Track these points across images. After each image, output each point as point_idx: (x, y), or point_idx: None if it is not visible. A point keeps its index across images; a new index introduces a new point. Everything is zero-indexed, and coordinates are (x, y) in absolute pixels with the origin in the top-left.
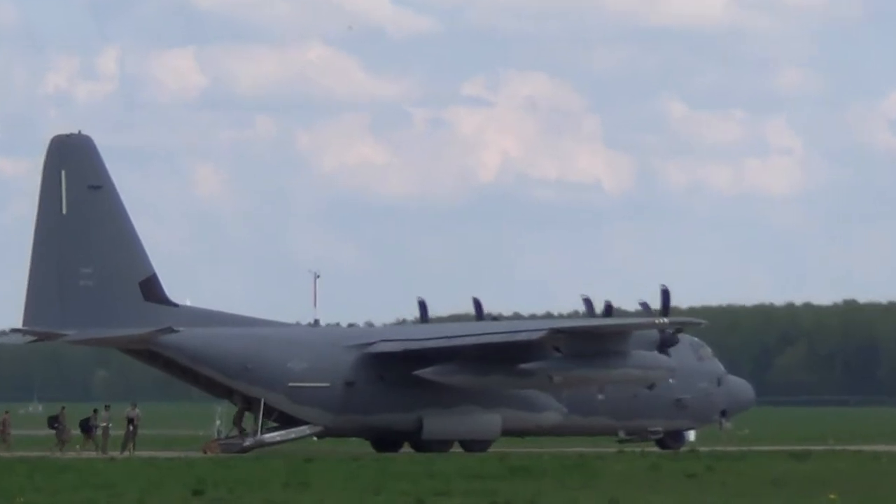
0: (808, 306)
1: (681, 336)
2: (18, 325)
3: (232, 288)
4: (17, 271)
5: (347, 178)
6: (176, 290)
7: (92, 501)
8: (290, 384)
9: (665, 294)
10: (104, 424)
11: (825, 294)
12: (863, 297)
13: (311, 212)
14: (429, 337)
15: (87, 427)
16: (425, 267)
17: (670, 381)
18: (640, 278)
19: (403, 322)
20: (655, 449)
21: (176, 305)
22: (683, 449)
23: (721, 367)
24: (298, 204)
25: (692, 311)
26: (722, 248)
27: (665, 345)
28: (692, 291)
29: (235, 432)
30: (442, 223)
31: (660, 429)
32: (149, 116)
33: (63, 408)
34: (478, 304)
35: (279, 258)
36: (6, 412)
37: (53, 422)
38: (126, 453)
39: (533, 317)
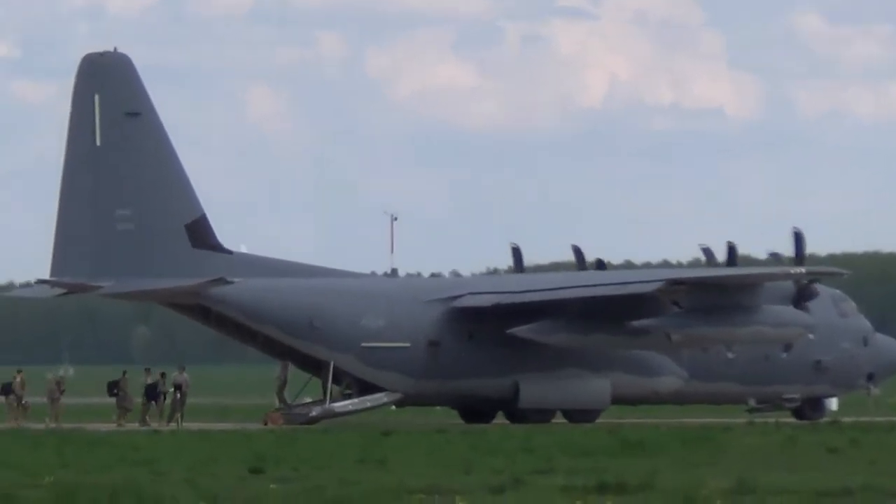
0: None
1: (819, 288)
2: (45, 275)
3: (294, 232)
4: (44, 214)
5: (427, 106)
6: (229, 234)
7: (131, 481)
8: (364, 344)
9: (799, 238)
10: (175, 388)
11: None
12: None
13: (386, 144)
14: (524, 289)
15: (154, 393)
16: (520, 207)
17: (808, 339)
18: (770, 220)
19: (495, 272)
20: (791, 420)
21: (229, 252)
22: (823, 420)
23: (867, 324)
24: (370, 135)
25: (832, 260)
26: (865, 185)
27: (801, 298)
28: (832, 236)
29: (306, 401)
30: (539, 157)
31: (796, 396)
32: (194, 32)
33: (125, 372)
34: (579, 251)
35: (349, 197)
36: (18, 372)
37: (113, 388)
38: (172, 424)
39: (647, 266)
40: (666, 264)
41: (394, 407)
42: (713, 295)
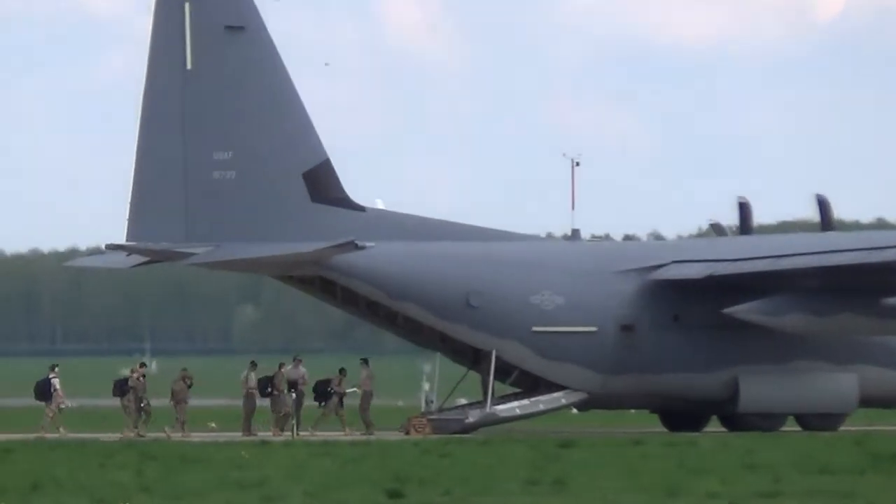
0: None
1: None
2: (120, 239)
3: (444, 182)
4: (118, 159)
5: (612, 17)
6: (360, 185)
7: None
8: (536, 329)
9: None
10: (354, 390)
11: None
12: None
13: (563, 66)
14: (746, 256)
15: (324, 392)
16: (742, 147)
17: None
18: None
19: (707, 233)
20: None
21: (361, 208)
22: None
23: None
24: (543, 55)
25: None
26: None
27: None
28: None
29: (460, 403)
30: (765, 82)
31: None
32: None
33: (282, 365)
34: (825, 204)
35: (515, 136)
36: (141, 365)
37: (266, 385)
38: (287, 433)
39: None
40: None
41: (575, 410)
42: None
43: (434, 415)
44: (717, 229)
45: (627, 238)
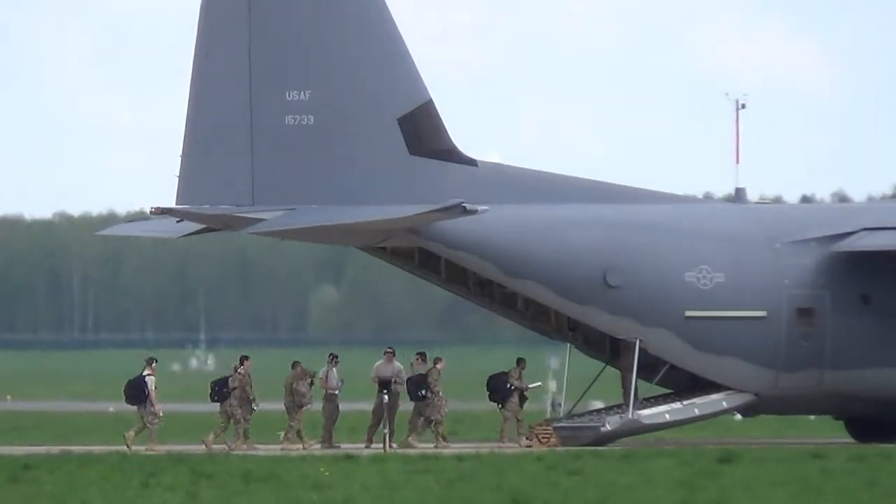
0: None
1: None
2: (169, 202)
3: (574, 130)
4: (168, 102)
5: None
6: (471, 134)
7: None
8: (690, 313)
9: None
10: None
11: None
12: None
13: None
14: None
15: (502, 390)
16: None
17: None
18: None
19: None
20: None
21: (472, 163)
22: None
23: None
24: None
25: None
26: None
27: None
28: None
29: (595, 407)
30: None
31: None
32: None
33: (437, 360)
34: None
35: (662, 73)
36: (244, 358)
37: (420, 388)
38: (379, 446)
39: None
40: None
41: (739, 416)
42: None
43: (562, 422)
44: (740, 195)
45: (805, 200)
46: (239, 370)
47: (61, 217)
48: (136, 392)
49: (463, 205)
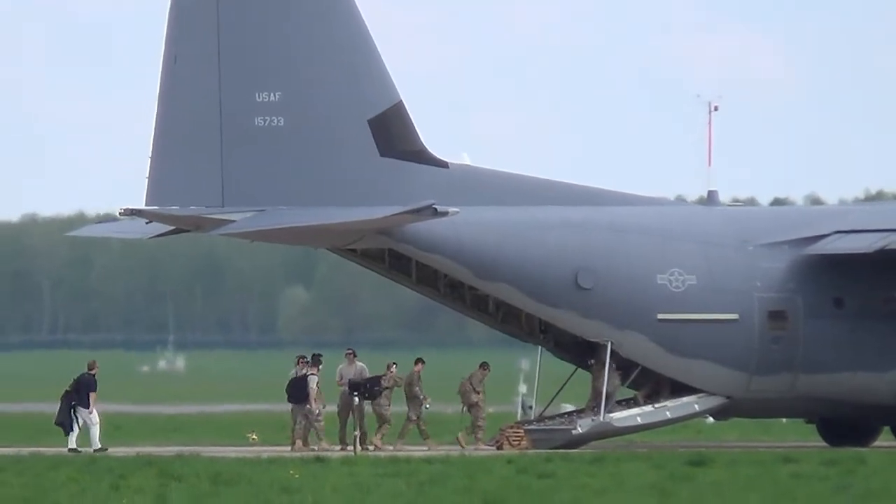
0: None
1: None
2: (138, 203)
3: (545, 131)
4: (135, 100)
5: None
6: (441, 135)
7: None
8: (662, 316)
9: None
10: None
11: None
12: None
13: None
14: None
15: (300, 391)
16: None
17: None
18: None
19: (878, 196)
20: None
21: (442, 164)
22: None
23: None
24: None
25: None
26: None
27: None
28: None
29: (566, 409)
30: None
31: None
32: None
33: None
34: None
35: (634, 74)
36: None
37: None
38: (355, 449)
39: None
40: None
41: (710, 419)
42: None
43: (533, 424)
44: (712, 198)
45: (777, 202)
46: (391, 370)
47: (29, 219)
48: (298, 392)
49: (434, 206)
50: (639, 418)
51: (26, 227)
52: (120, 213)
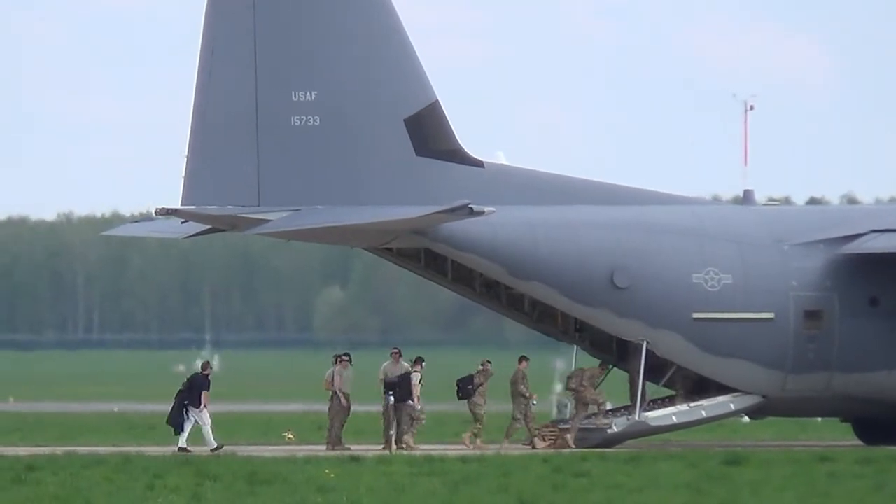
0: None
1: None
2: (174, 203)
3: (581, 130)
4: (173, 101)
5: None
6: (477, 134)
7: None
8: (698, 315)
9: None
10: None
11: None
12: None
13: None
14: None
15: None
16: None
17: None
18: None
19: None
20: None
21: (479, 164)
22: None
23: None
24: None
25: None
26: None
27: None
28: None
29: (594, 410)
30: None
31: None
32: None
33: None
34: None
35: (670, 73)
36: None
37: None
38: (390, 447)
39: None
40: None
41: (746, 419)
42: None
43: (569, 423)
44: (748, 197)
45: (813, 202)
46: (486, 367)
47: (65, 218)
48: (401, 389)
49: (469, 206)
50: (674, 417)
51: (62, 226)
52: (156, 213)
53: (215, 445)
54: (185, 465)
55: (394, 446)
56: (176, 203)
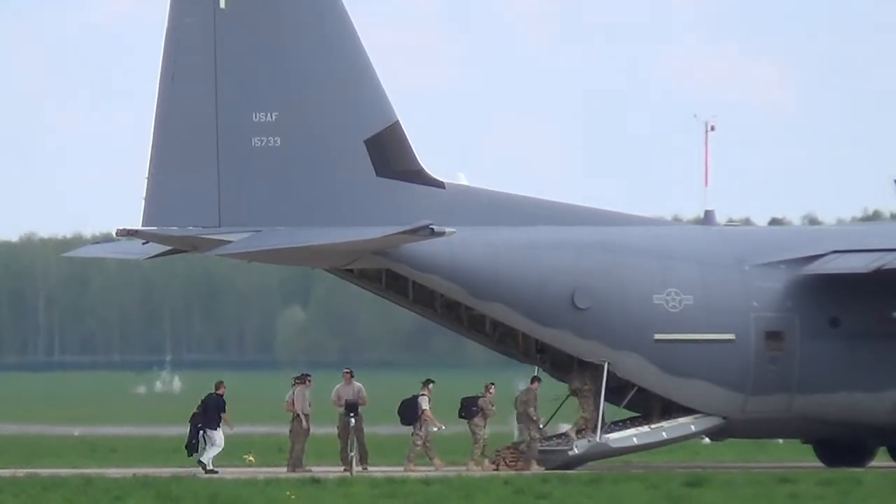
0: None
1: None
2: (135, 224)
3: (541, 151)
4: (133, 122)
5: None
6: (438, 155)
7: None
8: (659, 336)
9: None
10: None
11: None
12: None
13: (687, 3)
14: None
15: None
16: None
17: None
18: None
19: (875, 215)
20: None
21: (440, 185)
22: None
23: None
24: None
25: None
26: None
27: None
28: None
29: (562, 430)
30: None
31: None
32: None
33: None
34: None
35: (629, 93)
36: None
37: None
38: (351, 469)
39: None
40: None
41: (707, 440)
42: None
43: (527, 445)
44: (709, 217)
45: (774, 222)
46: (490, 391)
47: (27, 239)
48: (410, 413)
49: (430, 227)
50: (635, 439)
51: (24, 246)
52: (117, 234)
53: (211, 468)
54: (145, 487)
55: (355, 468)
56: (137, 224)
